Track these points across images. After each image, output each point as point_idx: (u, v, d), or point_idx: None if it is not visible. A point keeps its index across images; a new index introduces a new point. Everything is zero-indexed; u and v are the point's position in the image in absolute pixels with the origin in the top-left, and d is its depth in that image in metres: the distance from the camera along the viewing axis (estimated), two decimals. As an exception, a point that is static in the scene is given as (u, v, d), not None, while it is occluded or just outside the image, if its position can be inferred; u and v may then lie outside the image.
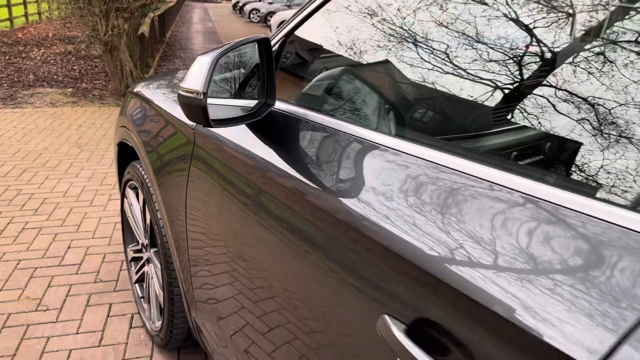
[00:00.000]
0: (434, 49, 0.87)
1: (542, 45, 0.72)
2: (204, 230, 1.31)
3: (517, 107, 0.72)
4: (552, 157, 0.68)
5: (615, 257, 0.51)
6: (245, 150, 1.08)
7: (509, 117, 0.74)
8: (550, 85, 0.68)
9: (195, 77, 0.93)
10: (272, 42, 1.22)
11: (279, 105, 1.12)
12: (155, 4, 12.30)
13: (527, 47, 0.73)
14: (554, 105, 0.67)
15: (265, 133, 1.08)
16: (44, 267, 2.53)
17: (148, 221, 1.86)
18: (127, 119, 1.91)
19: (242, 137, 1.11)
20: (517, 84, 0.73)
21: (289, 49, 1.21)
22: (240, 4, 27.47)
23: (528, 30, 0.74)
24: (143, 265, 2.05)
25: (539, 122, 0.68)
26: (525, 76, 0.73)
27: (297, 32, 1.19)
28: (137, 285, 2.16)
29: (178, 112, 1.49)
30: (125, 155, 2.07)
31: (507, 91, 0.75)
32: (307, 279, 0.87)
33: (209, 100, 0.94)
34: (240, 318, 1.17)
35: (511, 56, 0.75)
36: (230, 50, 0.97)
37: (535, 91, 0.70)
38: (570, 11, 0.70)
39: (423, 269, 0.64)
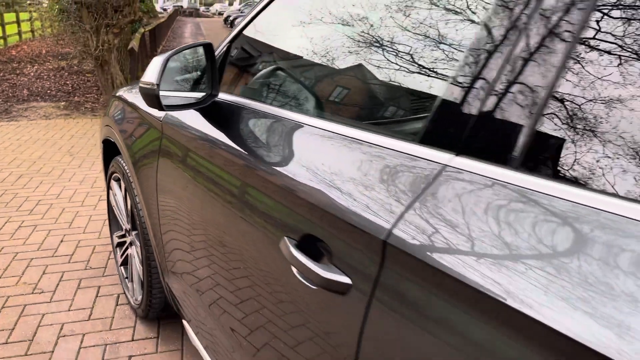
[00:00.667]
0: (341, 47, 1.16)
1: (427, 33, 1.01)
2: (172, 208, 1.59)
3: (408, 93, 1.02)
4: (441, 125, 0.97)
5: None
6: (197, 132, 1.36)
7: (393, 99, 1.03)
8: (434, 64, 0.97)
9: (151, 73, 1.22)
10: (225, 43, 1.51)
11: (226, 97, 1.41)
12: (145, 19, 12.64)
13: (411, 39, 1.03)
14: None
15: (214, 119, 1.36)
16: (39, 258, 2.80)
17: (129, 207, 2.13)
18: (110, 118, 2.20)
19: (196, 123, 1.40)
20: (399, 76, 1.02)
21: (236, 49, 1.51)
22: (231, 18, 27.93)
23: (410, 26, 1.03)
24: (126, 249, 2.33)
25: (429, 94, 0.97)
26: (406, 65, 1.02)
27: (245, 33, 1.48)
28: (122, 267, 2.43)
29: (151, 110, 1.77)
30: (110, 151, 2.36)
31: (387, 85, 1.04)
32: (229, 221, 1.15)
33: (162, 92, 1.24)
34: (201, 275, 1.45)
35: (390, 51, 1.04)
36: (177, 53, 1.27)
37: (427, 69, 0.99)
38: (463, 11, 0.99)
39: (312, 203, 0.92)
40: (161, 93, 1.23)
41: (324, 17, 1.24)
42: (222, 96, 1.41)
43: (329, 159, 0.96)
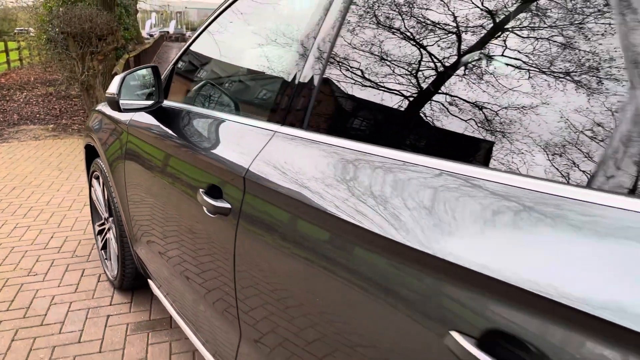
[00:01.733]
0: (240, 64, 1.72)
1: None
2: (136, 191, 2.12)
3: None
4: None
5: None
6: (149, 130, 1.91)
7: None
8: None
9: (113, 86, 1.78)
10: (171, 63, 2.07)
11: (171, 103, 1.96)
12: (131, 46, 13.26)
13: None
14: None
15: (161, 120, 1.91)
16: (32, 250, 3.30)
17: (107, 198, 2.66)
18: (90, 127, 2.74)
19: (149, 123, 1.95)
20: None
21: (179, 67, 2.06)
22: (215, 43, 28.50)
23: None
24: (105, 234, 2.84)
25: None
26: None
27: (184, 56, 2.03)
28: (102, 251, 2.94)
29: (120, 116, 2.31)
30: (91, 154, 2.89)
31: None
32: (181, 205, 1.69)
33: (123, 100, 1.79)
34: (158, 238, 1.98)
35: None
36: (131, 73, 1.82)
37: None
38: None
39: None
40: (122, 101, 1.79)
41: (234, 43, 1.81)
42: (168, 103, 1.96)
43: (230, 139, 1.50)
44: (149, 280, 2.32)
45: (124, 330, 2.43)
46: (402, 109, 1.03)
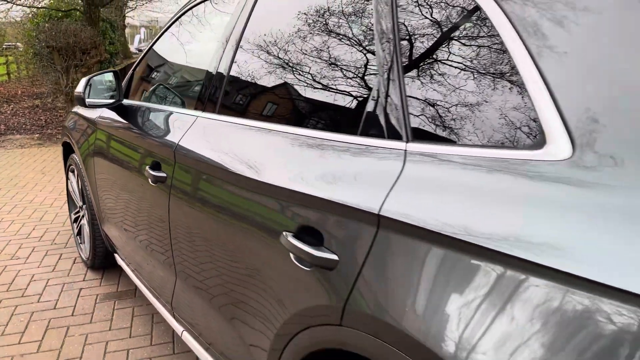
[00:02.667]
0: (186, 67, 2.15)
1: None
2: (103, 178, 2.52)
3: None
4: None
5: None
6: (112, 124, 2.32)
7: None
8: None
9: (80, 87, 2.19)
10: (133, 67, 2.49)
11: (130, 101, 2.37)
12: (119, 60, 13.69)
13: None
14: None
15: (122, 115, 2.32)
16: (15, 239, 3.67)
17: (80, 188, 3.06)
18: (67, 126, 3.14)
19: (111, 119, 2.36)
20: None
21: (137, 70, 2.48)
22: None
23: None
24: (80, 221, 3.23)
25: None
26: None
27: (142, 61, 2.46)
28: (77, 237, 3.33)
29: (91, 115, 2.72)
30: (67, 151, 3.29)
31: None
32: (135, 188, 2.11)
33: (89, 99, 2.21)
34: (121, 216, 2.38)
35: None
36: (96, 76, 2.24)
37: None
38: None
39: None
40: (88, 99, 2.21)
41: (177, 50, 2.24)
42: (128, 101, 2.38)
43: (168, 125, 1.92)
44: (115, 255, 2.71)
45: (94, 299, 2.82)
46: (278, 96, 1.46)
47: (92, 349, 2.36)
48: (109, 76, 2.32)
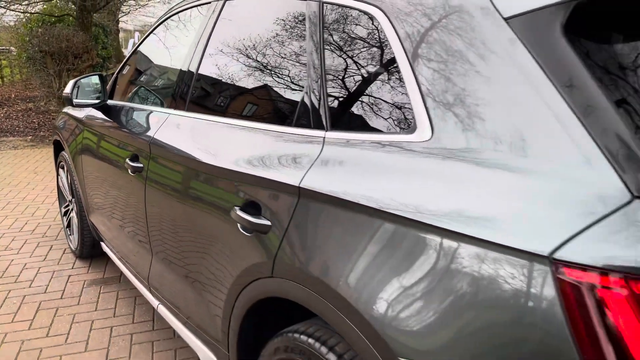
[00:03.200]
0: (163, 71, 2.40)
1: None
2: (89, 172, 2.76)
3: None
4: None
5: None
6: (97, 122, 2.57)
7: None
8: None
9: (68, 88, 2.44)
10: (117, 69, 2.74)
11: (114, 102, 2.62)
12: (112, 64, 13.92)
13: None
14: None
15: (106, 114, 2.56)
16: (9, 233, 3.90)
17: (69, 182, 3.29)
18: (57, 126, 3.38)
19: (97, 117, 2.61)
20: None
21: (121, 73, 2.73)
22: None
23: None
24: (69, 214, 3.47)
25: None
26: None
27: (125, 64, 2.71)
28: (67, 229, 3.56)
29: (79, 115, 2.96)
30: (58, 149, 3.53)
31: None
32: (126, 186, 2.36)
33: (77, 99, 2.45)
34: (106, 206, 2.62)
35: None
36: (82, 78, 2.49)
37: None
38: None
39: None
40: (75, 100, 2.45)
41: (156, 54, 2.49)
42: (112, 101, 2.62)
43: (145, 122, 2.18)
44: (101, 243, 2.95)
45: (82, 284, 3.05)
46: (232, 96, 1.72)
47: (79, 327, 2.60)
48: (95, 79, 2.57)
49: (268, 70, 1.57)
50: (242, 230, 1.39)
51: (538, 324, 0.78)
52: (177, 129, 1.89)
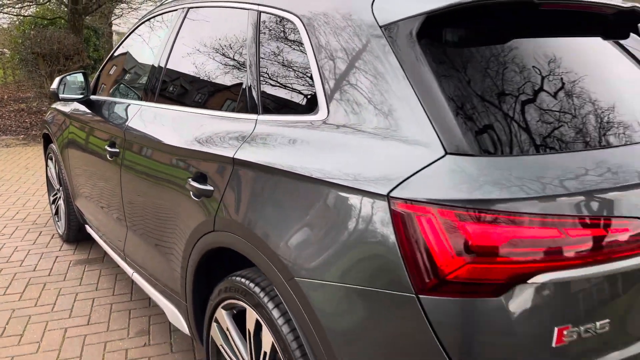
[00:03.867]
0: (140, 71, 2.72)
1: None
2: (74, 161, 3.07)
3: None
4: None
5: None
6: (81, 115, 2.88)
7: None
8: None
9: (55, 84, 2.75)
10: (101, 67, 3.05)
11: (98, 97, 2.93)
12: (98, 65, 14.19)
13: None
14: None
15: (89, 108, 2.87)
16: (2, 220, 4.19)
17: (57, 172, 3.59)
18: (46, 120, 3.69)
19: (82, 111, 2.92)
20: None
21: (104, 70, 3.04)
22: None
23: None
24: (57, 202, 3.77)
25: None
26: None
27: (108, 63, 3.02)
28: (55, 216, 3.86)
29: (65, 109, 3.27)
30: (47, 142, 3.83)
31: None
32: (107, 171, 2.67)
33: (63, 94, 2.76)
34: (89, 191, 2.92)
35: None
36: (68, 76, 2.80)
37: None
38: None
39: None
40: (61, 95, 2.76)
41: (134, 53, 2.81)
42: (95, 96, 2.93)
43: (123, 113, 2.49)
44: (86, 226, 3.26)
45: (68, 264, 3.35)
46: (189, 90, 2.05)
47: (64, 298, 2.90)
48: (79, 76, 2.88)
49: (219, 68, 1.89)
50: (193, 197, 1.71)
51: (380, 244, 1.11)
52: (146, 118, 2.21)
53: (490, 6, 1.27)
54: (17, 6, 11.19)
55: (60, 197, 3.70)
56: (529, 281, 1.03)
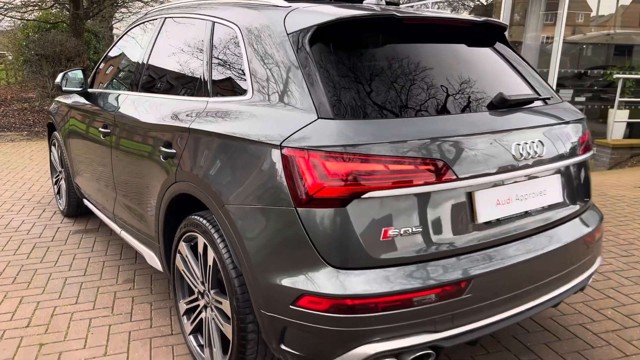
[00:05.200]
0: (129, 67, 3.31)
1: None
2: (74, 145, 3.64)
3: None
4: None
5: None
6: (80, 105, 3.47)
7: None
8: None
9: (58, 79, 3.34)
10: (99, 62, 3.64)
11: (95, 90, 3.51)
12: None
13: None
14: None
15: (87, 99, 3.46)
16: (9, 200, 4.77)
17: (60, 156, 4.18)
18: (51, 111, 4.28)
19: (81, 102, 3.50)
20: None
21: (100, 67, 3.62)
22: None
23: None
24: (59, 182, 4.34)
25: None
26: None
27: (104, 60, 3.61)
28: (57, 195, 4.44)
29: (67, 101, 3.85)
30: (50, 130, 4.41)
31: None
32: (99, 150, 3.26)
33: (66, 87, 3.36)
34: (87, 169, 3.51)
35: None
36: (69, 72, 3.39)
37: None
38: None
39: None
40: (64, 87, 3.35)
41: (126, 52, 3.40)
42: (92, 89, 3.52)
43: (115, 101, 3.08)
44: (84, 200, 3.84)
45: (68, 233, 3.93)
46: (163, 81, 2.64)
47: (64, 257, 3.48)
48: (79, 73, 3.47)
49: (184, 63, 2.48)
50: (162, 159, 2.29)
51: (275, 177, 1.69)
52: (132, 104, 2.79)
53: (360, 20, 1.85)
54: (21, 10, 11.81)
55: (62, 178, 4.28)
56: (363, 197, 1.60)
